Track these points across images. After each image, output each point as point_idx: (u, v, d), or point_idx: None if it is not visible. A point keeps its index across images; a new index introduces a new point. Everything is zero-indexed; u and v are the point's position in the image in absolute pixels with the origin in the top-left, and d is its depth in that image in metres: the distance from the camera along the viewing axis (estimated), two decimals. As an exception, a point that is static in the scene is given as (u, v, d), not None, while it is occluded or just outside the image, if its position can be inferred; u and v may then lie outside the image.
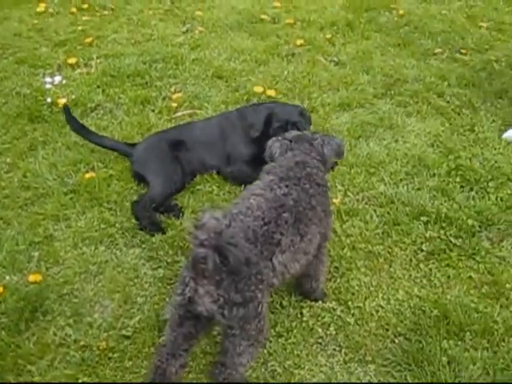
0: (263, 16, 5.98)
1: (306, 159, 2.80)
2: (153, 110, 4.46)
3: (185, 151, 3.81)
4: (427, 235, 3.50)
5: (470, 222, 3.58)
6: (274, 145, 2.92)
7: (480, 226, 3.57)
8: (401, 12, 6.27)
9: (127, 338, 2.87)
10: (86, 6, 6.08)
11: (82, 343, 2.84)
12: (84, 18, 5.82)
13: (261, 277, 2.34)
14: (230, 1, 6.38)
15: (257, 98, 4.61)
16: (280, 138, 2.95)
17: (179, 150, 3.79)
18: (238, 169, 3.85)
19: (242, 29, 5.80)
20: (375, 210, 3.65)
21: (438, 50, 5.57)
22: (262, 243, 2.38)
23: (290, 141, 2.90)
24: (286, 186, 2.64)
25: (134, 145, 3.91)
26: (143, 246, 3.37)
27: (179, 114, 4.43)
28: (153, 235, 3.44)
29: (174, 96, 4.59)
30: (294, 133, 2.99)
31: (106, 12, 5.98)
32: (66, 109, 3.89)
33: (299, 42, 5.48)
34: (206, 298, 2.22)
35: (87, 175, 3.84)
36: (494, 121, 4.58)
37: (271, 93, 4.63)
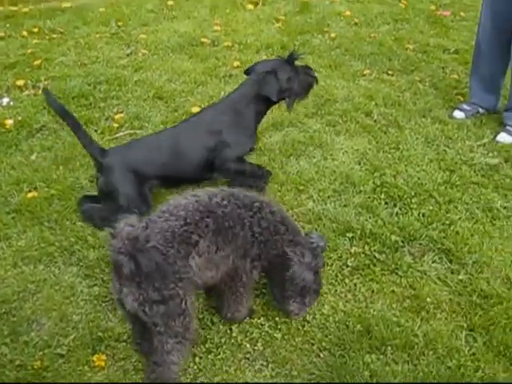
0: (203, 39, 5.87)
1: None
2: (96, 130, 4.33)
3: None
4: (352, 251, 3.41)
5: (393, 237, 3.51)
6: None
7: (403, 242, 3.50)
8: (332, 35, 6.23)
9: (62, 356, 2.74)
10: (36, 29, 5.89)
11: (17, 362, 2.69)
12: (34, 41, 5.65)
13: (179, 275, 2.33)
14: (172, 24, 6.24)
15: None
16: None
17: None
18: None
19: (183, 51, 5.69)
20: (303, 227, 3.55)
21: (366, 71, 5.53)
22: (179, 242, 2.33)
23: None
24: (223, 199, 2.54)
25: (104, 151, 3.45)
26: (80, 263, 3.23)
27: (120, 134, 4.30)
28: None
29: (117, 116, 4.47)
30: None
31: (55, 35, 5.80)
32: (46, 92, 3.43)
33: (236, 63, 5.39)
34: (129, 297, 2.28)
35: (29, 195, 3.70)
36: (417, 138, 4.54)
37: None
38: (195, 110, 4.50)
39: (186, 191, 2.69)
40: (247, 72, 3.66)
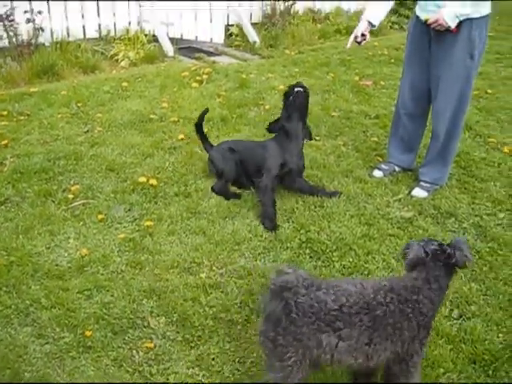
0: (152, 115, 5.87)
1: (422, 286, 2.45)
2: (53, 201, 4.29)
3: None
4: None
5: None
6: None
7: None
8: (267, 107, 6.29)
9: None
10: (5, 112, 5.86)
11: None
12: (2, 123, 5.59)
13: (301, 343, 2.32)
14: (126, 103, 6.24)
15: (141, 187, 4.51)
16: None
17: None
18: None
19: (134, 127, 5.68)
20: (236, 282, 3.55)
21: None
22: (321, 319, 2.31)
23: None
24: (386, 296, 2.39)
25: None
26: (35, 324, 3.17)
27: (74, 204, 4.27)
28: None
29: (73, 188, 4.44)
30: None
31: (22, 117, 5.76)
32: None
33: (180, 136, 5.40)
34: (262, 335, 2.39)
35: (-10, 262, 3.56)
36: (339, 197, 4.56)
37: (153, 182, 4.54)
38: (142, 179, 4.52)
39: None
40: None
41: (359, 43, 4.50)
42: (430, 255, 2.41)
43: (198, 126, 4.67)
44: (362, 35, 4.46)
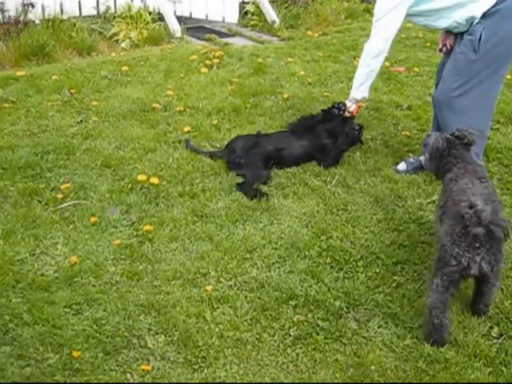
0: (155, 104, 5.82)
1: None
2: (40, 201, 4.25)
3: None
4: (295, 319, 3.35)
5: (337, 303, 3.46)
6: None
7: (347, 307, 3.45)
8: (285, 96, 6.22)
9: None
10: (-14, 106, 5.75)
11: None
12: (-15, 112, 5.51)
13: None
14: (125, 90, 6.21)
15: (140, 186, 4.46)
16: None
17: None
18: None
19: (134, 117, 5.64)
20: (246, 296, 3.50)
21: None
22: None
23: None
24: None
25: None
26: (14, 343, 3.12)
27: (64, 205, 4.23)
28: None
29: (62, 186, 4.40)
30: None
31: (6, 104, 5.73)
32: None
33: (187, 128, 5.35)
34: (483, 263, 3.04)
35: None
36: (366, 199, 4.52)
37: (154, 180, 4.49)
38: (142, 178, 4.47)
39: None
40: None
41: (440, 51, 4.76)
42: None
43: None
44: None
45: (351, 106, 4.93)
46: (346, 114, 4.94)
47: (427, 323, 3.17)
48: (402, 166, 5.00)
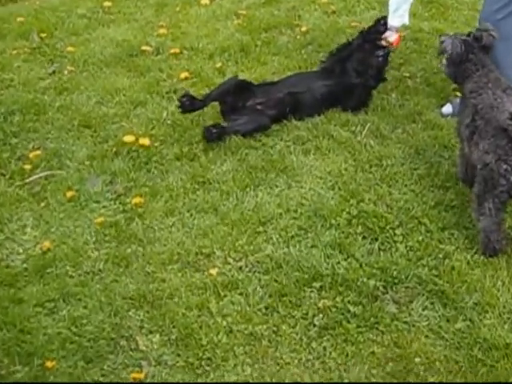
0: (145, 47, 5.69)
1: None
2: (3, 175, 4.17)
3: None
4: (320, 305, 3.28)
5: (371, 282, 3.38)
6: None
7: (384, 287, 3.38)
8: (303, 29, 6.06)
9: None
10: None
11: None
12: None
13: None
14: (108, 31, 6.06)
15: (127, 149, 4.37)
16: None
17: None
18: None
19: (120, 64, 5.50)
20: (259, 279, 3.43)
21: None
22: None
23: None
24: None
25: None
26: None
27: (34, 177, 4.15)
28: None
29: (31, 155, 4.31)
30: None
31: (-41, 56, 5.57)
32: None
33: (184, 75, 5.22)
34: None
35: None
36: (405, 150, 4.41)
37: (145, 141, 4.38)
38: (129, 139, 4.39)
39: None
40: None
41: None
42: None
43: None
44: None
45: (391, 36, 4.84)
46: (384, 43, 4.83)
47: (485, 248, 3.49)
48: (447, 109, 4.87)
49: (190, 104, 4.42)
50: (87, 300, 3.32)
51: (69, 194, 4.01)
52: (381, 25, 4.81)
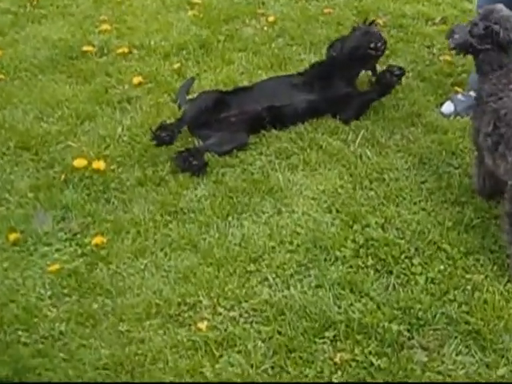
0: (86, 47, 5.49)
1: None
2: None
3: None
4: (337, 360, 3.05)
5: (394, 327, 3.18)
6: None
7: (409, 331, 3.18)
8: (271, 18, 5.95)
9: None
10: None
11: None
12: None
13: None
14: (41, 29, 5.86)
15: (79, 175, 4.16)
16: None
17: None
18: None
19: (58, 69, 5.30)
20: (259, 332, 3.20)
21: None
22: None
23: None
24: None
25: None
26: None
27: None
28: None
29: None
30: None
31: None
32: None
33: (137, 79, 5.02)
34: None
35: None
36: (407, 160, 4.29)
37: (99, 165, 4.17)
38: (80, 162, 4.18)
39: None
40: None
41: None
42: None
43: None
44: None
45: None
46: None
47: None
48: (448, 107, 4.78)
49: (169, 138, 4.25)
50: (49, 375, 3.05)
51: (12, 236, 3.78)
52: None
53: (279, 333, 3.20)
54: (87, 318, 3.32)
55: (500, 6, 3.56)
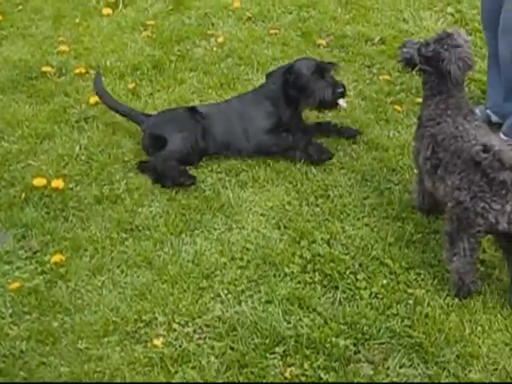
0: (45, 68, 5.34)
1: None
2: None
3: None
4: (287, 374, 2.99)
5: (340, 341, 3.11)
6: None
7: (355, 345, 3.12)
8: (220, 39, 5.83)
9: None
10: None
11: None
12: None
13: None
14: (1, 51, 5.69)
15: (38, 194, 4.03)
16: None
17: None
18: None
19: (18, 89, 5.15)
20: (213, 348, 3.11)
21: (271, 86, 5.02)
22: None
23: None
24: None
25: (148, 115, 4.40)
26: None
27: None
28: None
29: None
30: None
31: None
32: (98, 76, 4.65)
33: (93, 99, 4.86)
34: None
35: None
36: (351, 177, 4.21)
37: (58, 183, 4.06)
38: (40, 181, 4.05)
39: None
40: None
41: None
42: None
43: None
44: None
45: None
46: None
47: (458, 291, 3.27)
48: None
49: (190, 178, 4.18)
50: (6, 397, 2.85)
51: (-28, 255, 3.56)
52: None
53: (232, 348, 3.12)
54: (47, 335, 3.22)
55: (459, 32, 3.46)
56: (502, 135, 4.37)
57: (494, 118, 4.68)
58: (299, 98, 4.38)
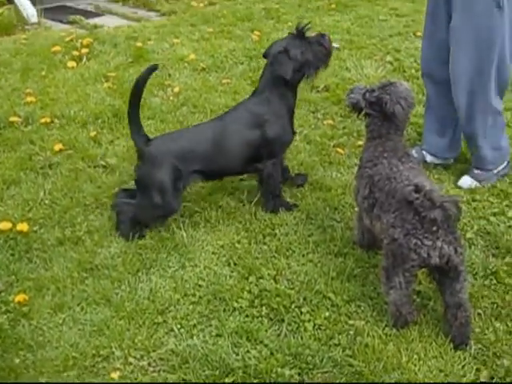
0: (13, 118, 5.27)
1: None
2: None
3: None
4: None
5: (286, 372, 3.05)
6: None
7: (300, 374, 3.07)
8: (176, 89, 5.82)
9: None
10: None
11: None
12: None
13: None
14: None
15: (4, 236, 3.95)
16: None
17: None
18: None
19: None
20: (167, 379, 3.05)
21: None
22: None
23: None
24: None
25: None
26: None
27: None
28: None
29: None
30: None
31: None
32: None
33: (58, 146, 4.82)
34: (444, 245, 3.00)
35: None
36: (295, 217, 4.18)
37: (23, 227, 3.98)
38: (5, 225, 3.97)
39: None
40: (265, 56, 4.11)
41: None
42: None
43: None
44: None
45: None
46: None
47: (395, 321, 3.27)
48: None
49: None
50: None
51: None
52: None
53: (184, 380, 3.07)
54: (9, 372, 3.13)
55: (402, 83, 3.50)
56: (474, 171, 4.52)
57: (429, 158, 4.74)
58: (301, 77, 4.16)
